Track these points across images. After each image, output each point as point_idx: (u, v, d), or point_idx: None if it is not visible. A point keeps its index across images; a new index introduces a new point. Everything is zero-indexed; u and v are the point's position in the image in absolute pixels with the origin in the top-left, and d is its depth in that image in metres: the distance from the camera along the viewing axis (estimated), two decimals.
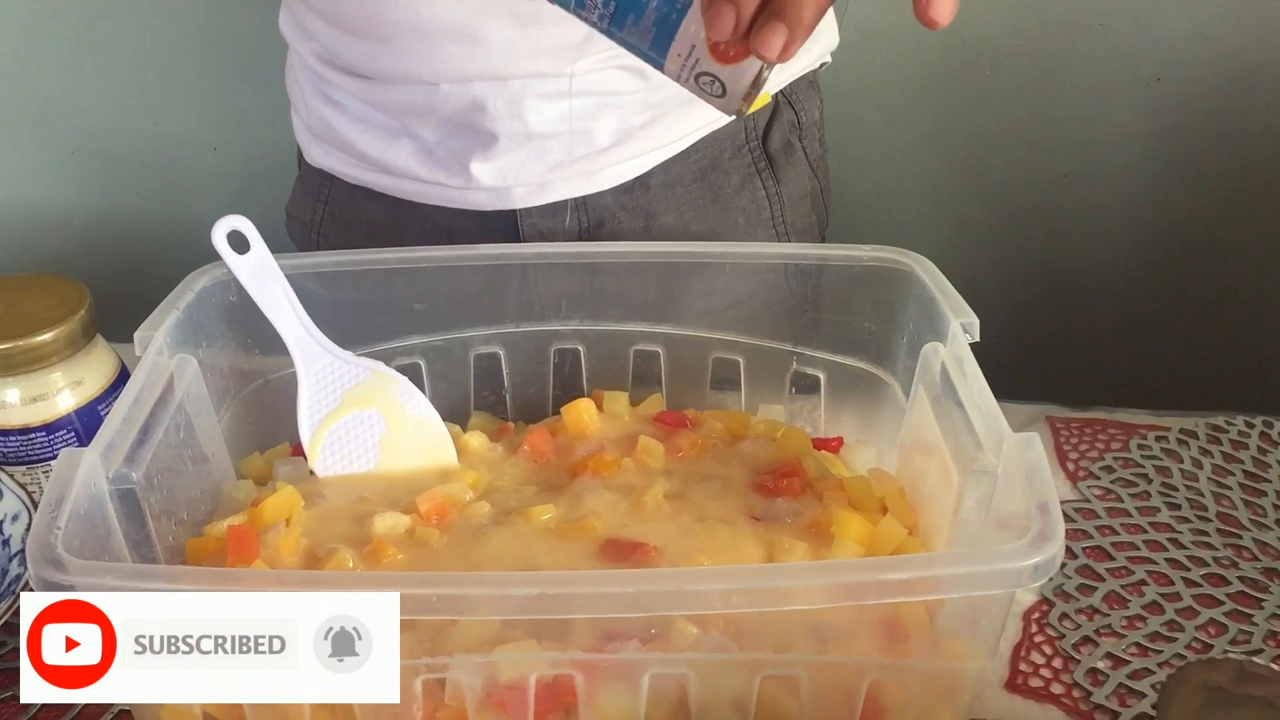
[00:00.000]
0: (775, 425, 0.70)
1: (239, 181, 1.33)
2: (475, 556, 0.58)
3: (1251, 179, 1.23)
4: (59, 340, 0.67)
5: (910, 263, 0.67)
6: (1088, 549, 0.68)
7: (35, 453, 0.68)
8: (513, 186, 0.78)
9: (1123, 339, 1.31)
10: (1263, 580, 0.65)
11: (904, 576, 0.47)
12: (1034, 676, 0.60)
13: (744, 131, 0.83)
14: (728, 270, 0.72)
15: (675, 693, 0.51)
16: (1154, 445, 0.76)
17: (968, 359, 0.59)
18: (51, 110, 1.33)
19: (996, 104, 1.24)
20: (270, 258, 0.64)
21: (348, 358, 0.66)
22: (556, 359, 0.74)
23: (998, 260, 1.29)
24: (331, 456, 0.66)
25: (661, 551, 0.57)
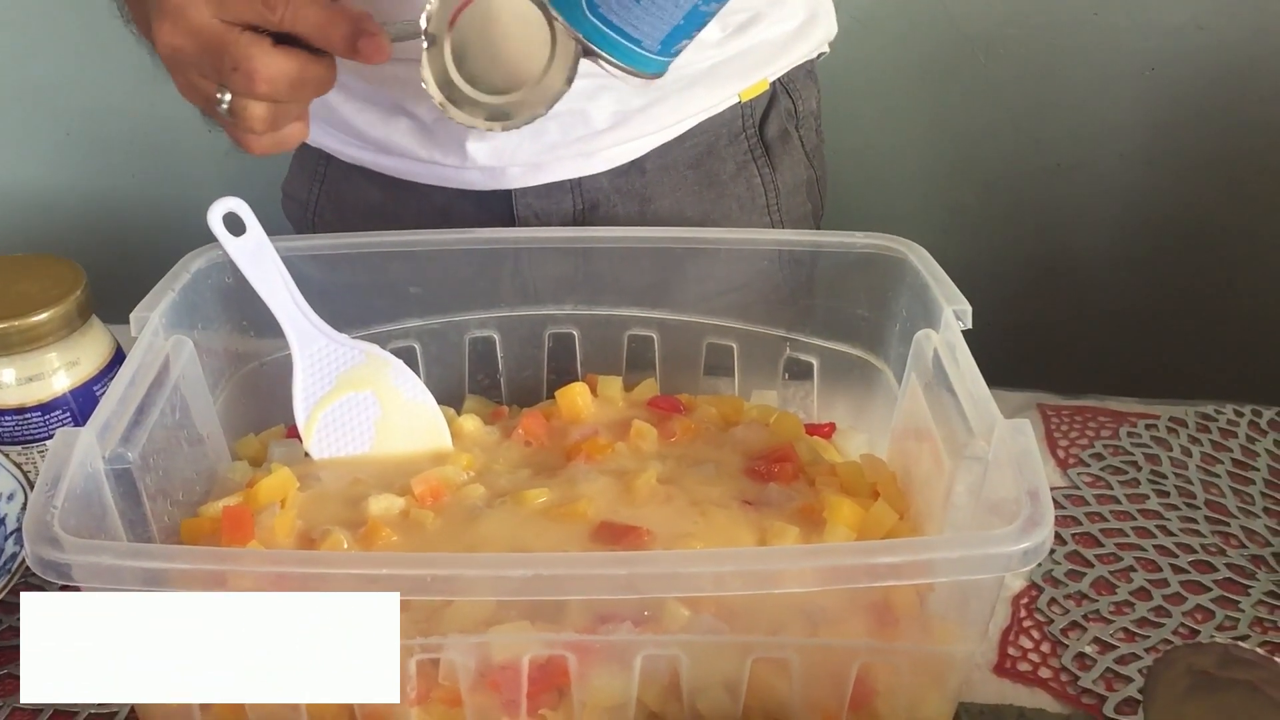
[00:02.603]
0: (768, 411, 0.70)
1: (235, 163, 1.32)
2: (469, 539, 0.58)
3: (1245, 170, 1.24)
4: (55, 320, 0.67)
5: (904, 250, 0.68)
6: (1077, 535, 0.68)
7: (31, 432, 0.68)
8: (508, 166, 0.78)
9: (1114, 328, 1.32)
10: (1249, 567, 0.66)
11: (895, 560, 0.47)
12: (1022, 661, 0.60)
13: (741, 118, 0.83)
14: (722, 256, 0.72)
15: (667, 674, 0.52)
16: (1144, 433, 0.76)
17: (960, 346, 0.60)
18: (48, 92, 1.33)
19: (992, 94, 1.24)
20: (266, 240, 0.64)
21: (343, 340, 0.67)
22: (551, 343, 0.74)
23: (991, 248, 1.29)
24: (326, 439, 0.66)
25: (654, 535, 0.58)
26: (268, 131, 0.60)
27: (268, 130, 0.60)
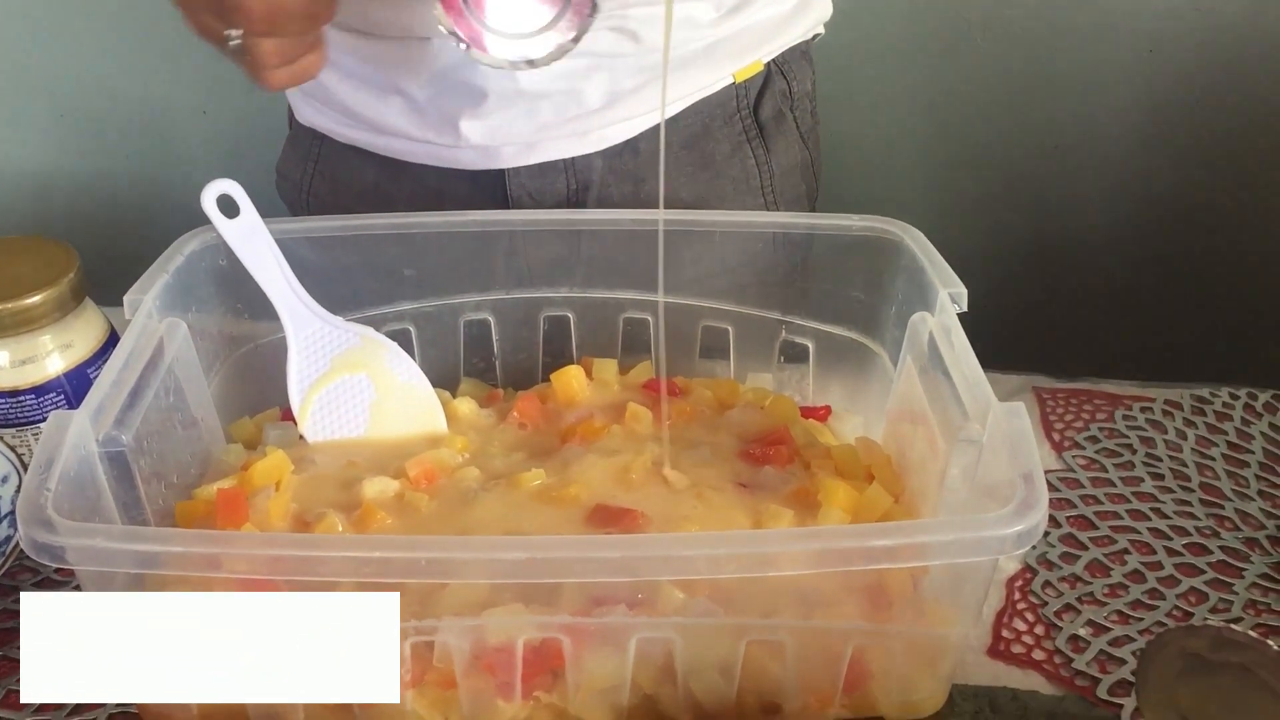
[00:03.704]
0: (763, 394, 0.70)
1: (229, 145, 1.33)
2: (464, 521, 0.58)
3: (1243, 152, 1.23)
4: (48, 303, 0.67)
5: (899, 233, 0.68)
6: (1071, 518, 0.68)
7: (25, 415, 0.68)
8: (501, 146, 0.77)
9: (1110, 310, 1.32)
10: (1244, 550, 0.66)
11: (889, 543, 0.48)
12: (1016, 643, 0.60)
13: (735, 100, 0.83)
14: (717, 238, 0.72)
15: (661, 657, 0.52)
16: (1139, 416, 0.76)
17: (955, 329, 0.60)
18: (41, 74, 1.32)
19: (989, 75, 1.24)
20: (260, 222, 0.64)
21: (337, 323, 0.66)
22: (546, 326, 0.74)
23: (987, 231, 1.29)
24: (321, 421, 0.66)
25: (649, 518, 0.58)
26: (281, 65, 0.60)
27: (281, 64, 0.60)
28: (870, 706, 0.55)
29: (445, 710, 0.53)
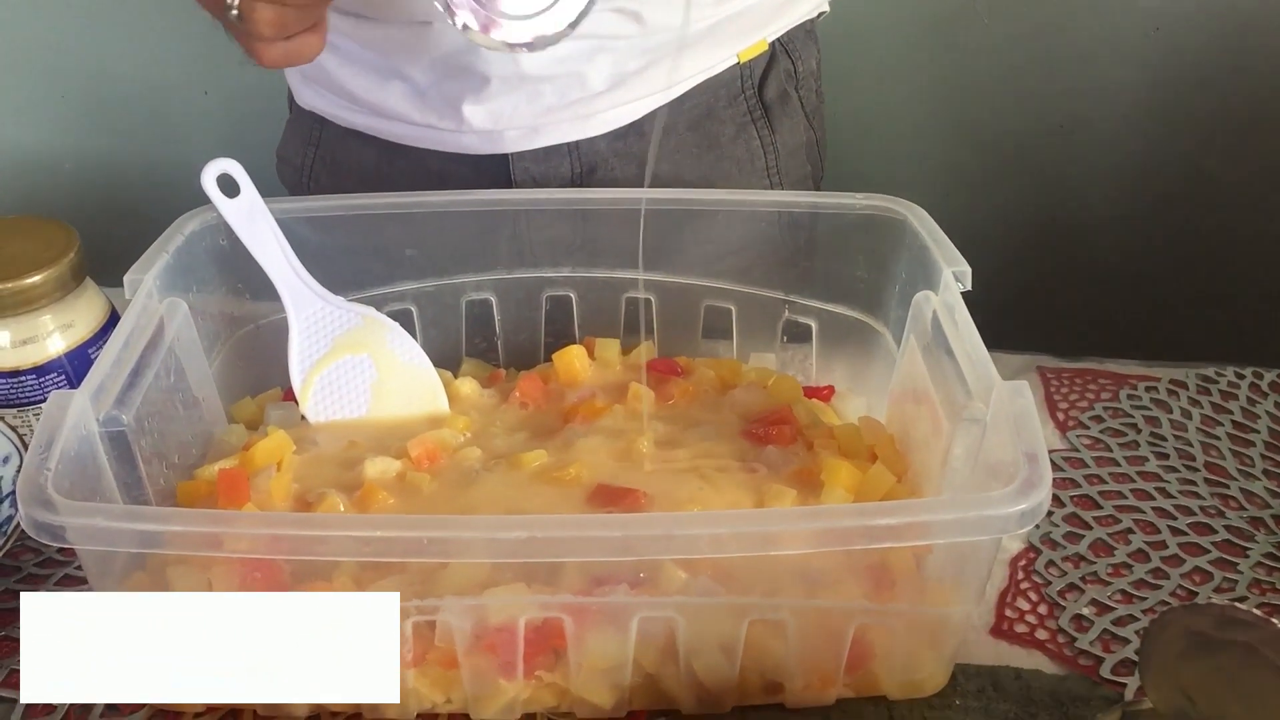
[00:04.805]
0: (766, 373, 0.70)
1: (229, 125, 1.32)
2: (465, 501, 0.58)
3: (1248, 130, 1.23)
4: (49, 283, 0.67)
5: (903, 211, 0.67)
6: (1075, 498, 0.68)
7: (25, 395, 0.68)
8: (505, 130, 0.77)
9: (1114, 289, 1.31)
10: (1248, 529, 0.66)
11: (892, 522, 0.47)
12: (1019, 622, 0.60)
13: (740, 80, 0.82)
14: (721, 218, 0.72)
15: (663, 636, 0.52)
16: (1144, 395, 0.76)
17: (959, 308, 0.59)
18: (42, 54, 1.32)
19: (995, 53, 1.23)
20: (260, 201, 0.64)
21: (339, 303, 0.66)
22: (548, 305, 0.73)
23: (991, 210, 1.28)
24: (323, 402, 0.66)
25: (651, 498, 0.58)
26: (277, 39, 0.59)
27: (277, 36, 0.59)
28: (873, 686, 0.55)
29: (447, 689, 0.53)
